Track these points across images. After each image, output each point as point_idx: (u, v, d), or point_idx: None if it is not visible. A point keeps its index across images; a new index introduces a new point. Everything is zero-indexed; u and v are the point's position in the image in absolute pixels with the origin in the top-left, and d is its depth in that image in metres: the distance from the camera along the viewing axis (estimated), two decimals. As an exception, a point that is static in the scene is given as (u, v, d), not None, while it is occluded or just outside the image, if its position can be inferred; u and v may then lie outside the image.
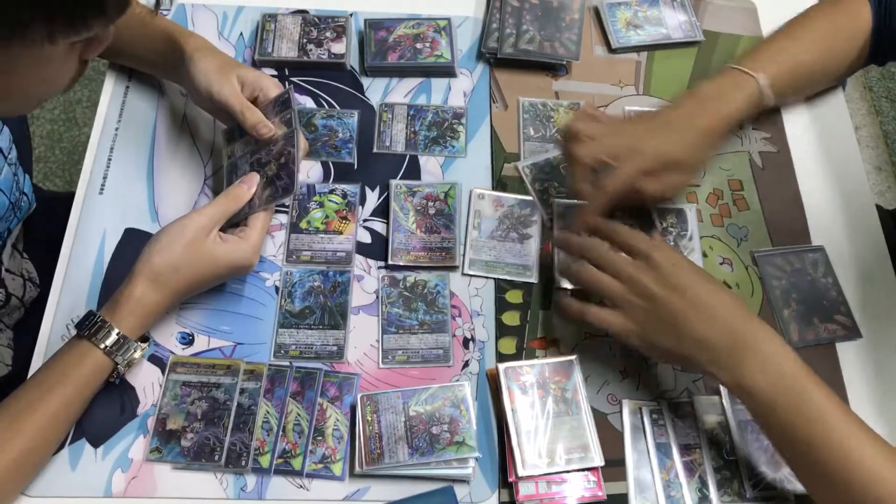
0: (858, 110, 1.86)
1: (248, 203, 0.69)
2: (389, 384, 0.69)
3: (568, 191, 0.78)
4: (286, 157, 0.68)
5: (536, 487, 0.64)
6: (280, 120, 0.71)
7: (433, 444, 0.64)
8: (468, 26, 0.90)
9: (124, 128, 0.81)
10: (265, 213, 0.69)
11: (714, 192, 0.81)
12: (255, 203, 0.69)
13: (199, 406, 0.67)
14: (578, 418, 0.67)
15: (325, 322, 0.72)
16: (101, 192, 0.77)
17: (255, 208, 0.69)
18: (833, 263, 0.77)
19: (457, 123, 0.83)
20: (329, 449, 0.66)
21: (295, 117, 0.70)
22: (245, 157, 0.73)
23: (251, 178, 0.69)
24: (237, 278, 0.73)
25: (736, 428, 0.68)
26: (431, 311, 0.73)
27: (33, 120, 1.76)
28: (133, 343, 0.63)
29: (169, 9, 0.88)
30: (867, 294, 0.76)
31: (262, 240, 0.69)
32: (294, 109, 0.70)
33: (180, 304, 0.71)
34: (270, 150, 0.70)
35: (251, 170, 0.71)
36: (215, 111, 0.76)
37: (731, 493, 0.66)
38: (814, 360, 0.72)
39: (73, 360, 0.62)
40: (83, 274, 0.73)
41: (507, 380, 0.68)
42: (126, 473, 0.65)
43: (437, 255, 0.75)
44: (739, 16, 0.93)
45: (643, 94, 0.87)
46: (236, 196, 0.68)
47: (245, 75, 0.74)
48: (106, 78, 0.84)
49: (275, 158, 0.69)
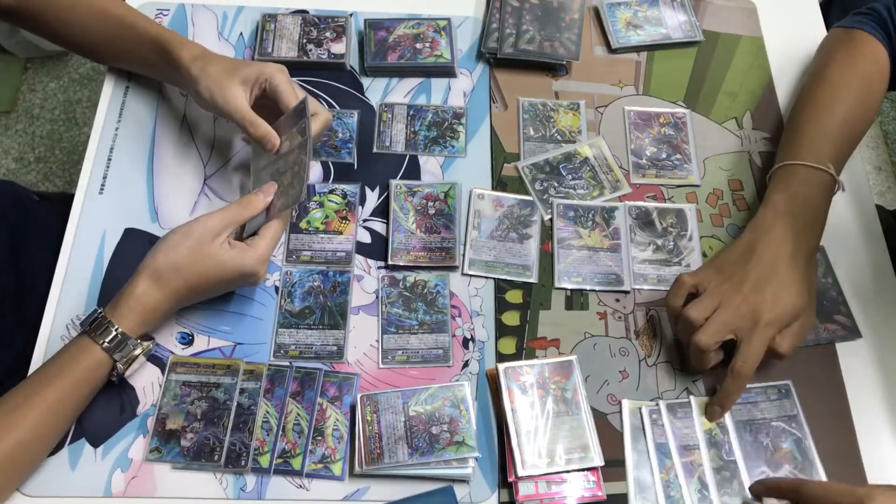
0: (858, 110, 1.86)
1: (266, 212, 0.68)
2: (389, 384, 0.69)
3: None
4: (299, 166, 0.68)
5: (536, 487, 0.64)
6: (296, 130, 0.70)
7: (433, 444, 0.64)
8: (468, 26, 0.90)
9: (124, 128, 0.81)
10: (277, 222, 0.68)
11: (714, 192, 0.81)
12: (271, 213, 0.69)
13: (198, 406, 0.67)
14: (578, 418, 0.67)
15: (324, 322, 0.72)
16: (101, 192, 0.77)
17: (270, 216, 0.68)
18: (833, 263, 0.77)
19: (457, 123, 0.84)
20: (329, 449, 0.66)
21: (308, 126, 0.69)
22: (267, 168, 0.73)
23: (268, 188, 0.69)
24: (245, 288, 0.72)
25: (734, 428, 0.68)
26: (431, 311, 0.73)
27: (33, 120, 1.76)
28: (133, 341, 0.63)
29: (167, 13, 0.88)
30: (867, 294, 0.76)
31: (270, 250, 0.67)
32: (308, 118, 0.69)
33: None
34: (287, 159, 0.70)
35: (271, 179, 0.71)
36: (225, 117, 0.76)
37: (732, 493, 0.65)
38: (814, 360, 0.72)
39: (71, 356, 0.62)
40: (83, 274, 0.73)
41: (506, 380, 0.68)
42: (126, 473, 0.65)
43: (436, 255, 0.75)
44: (739, 16, 0.93)
45: (643, 94, 0.87)
46: (249, 203, 0.68)
47: (248, 74, 0.72)
48: (106, 78, 0.84)
49: (290, 168, 0.69)
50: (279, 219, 0.68)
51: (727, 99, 0.87)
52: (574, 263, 0.76)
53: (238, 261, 0.65)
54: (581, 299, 0.74)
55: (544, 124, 0.84)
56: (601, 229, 0.78)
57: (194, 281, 0.65)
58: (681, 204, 0.80)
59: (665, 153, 0.83)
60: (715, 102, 0.87)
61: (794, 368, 0.71)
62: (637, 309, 0.74)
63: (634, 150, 0.83)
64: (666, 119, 0.85)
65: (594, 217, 0.78)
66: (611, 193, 0.79)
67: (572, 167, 0.81)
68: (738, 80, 0.88)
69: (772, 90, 0.88)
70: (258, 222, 0.68)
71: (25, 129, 1.75)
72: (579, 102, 0.85)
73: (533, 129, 0.83)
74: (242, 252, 0.65)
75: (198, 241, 0.64)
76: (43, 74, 1.82)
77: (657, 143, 0.84)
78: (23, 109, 1.78)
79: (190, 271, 0.64)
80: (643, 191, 0.81)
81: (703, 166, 0.83)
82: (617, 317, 0.74)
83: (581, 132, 0.84)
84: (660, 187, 0.81)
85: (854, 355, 0.73)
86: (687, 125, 0.85)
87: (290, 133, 0.71)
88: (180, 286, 0.65)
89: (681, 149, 0.84)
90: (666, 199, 0.80)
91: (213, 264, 0.65)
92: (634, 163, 0.82)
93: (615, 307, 0.74)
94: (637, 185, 0.81)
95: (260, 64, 0.73)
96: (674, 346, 0.72)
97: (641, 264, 0.76)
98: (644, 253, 0.76)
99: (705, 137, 0.85)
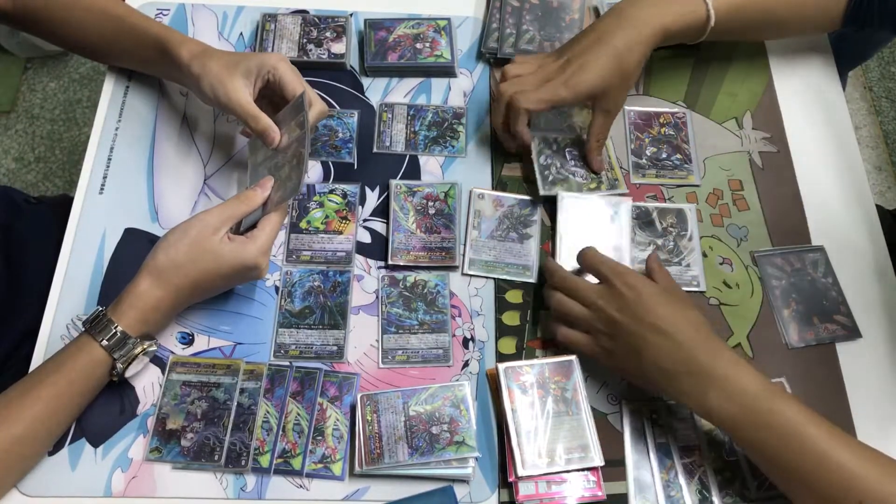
0: (858, 110, 1.86)
1: (262, 206, 0.69)
2: (389, 384, 0.69)
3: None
4: (297, 159, 0.68)
5: (536, 487, 0.64)
6: (295, 123, 0.70)
7: (433, 443, 0.64)
8: (468, 26, 0.90)
9: (124, 128, 0.81)
10: (276, 215, 0.68)
11: (714, 192, 0.81)
12: (267, 207, 0.69)
13: (198, 406, 0.67)
14: (578, 418, 0.67)
15: (325, 322, 0.72)
16: (101, 192, 0.77)
17: (268, 210, 0.69)
18: (833, 263, 0.77)
19: (457, 123, 0.84)
20: (329, 449, 0.66)
21: (307, 119, 0.69)
22: (266, 163, 0.73)
23: (265, 182, 0.69)
24: (247, 283, 0.72)
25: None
26: (431, 311, 0.73)
27: (33, 120, 1.76)
28: (133, 340, 0.63)
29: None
30: (867, 294, 0.76)
31: (270, 242, 0.67)
32: (306, 111, 0.69)
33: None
34: (286, 153, 0.70)
35: (269, 174, 0.71)
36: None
37: (733, 493, 0.65)
38: (814, 360, 0.72)
39: (70, 354, 0.63)
40: (83, 274, 0.73)
41: (506, 380, 0.68)
42: (126, 473, 0.65)
43: (436, 254, 0.75)
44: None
45: (643, 94, 0.87)
46: (248, 198, 0.68)
47: (249, 67, 0.72)
48: (106, 78, 0.84)
49: (288, 161, 0.69)
50: (277, 212, 0.68)
51: (727, 99, 0.87)
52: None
53: (238, 254, 0.65)
54: (581, 299, 0.74)
55: (557, 118, 0.83)
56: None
57: (195, 277, 0.65)
58: (681, 204, 0.80)
59: (665, 153, 0.83)
60: (715, 102, 0.87)
61: (794, 368, 0.72)
62: (637, 309, 0.74)
63: (634, 150, 0.83)
64: (666, 119, 0.85)
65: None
66: (607, 190, 0.79)
67: (577, 154, 0.81)
68: (738, 80, 0.88)
69: (772, 90, 0.88)
70: (255, 217, 0.69)
71: (25, 129, 1.75)
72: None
73: (544, 121, 0.83)
74: (242, 245, 0.65)
75: (197, 238, 0.64)
76: (43, 74, 1.82)
77: (657, 143, 0.84)
78: (23, 109, 1.78)
79: (191, 267, 0.64)
80: (643, 191, 0.81)
81: (703, 166, 0.83)
82: (617, 317, 0.74)
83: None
84: (660, 187, 0.81)
85: (854, 355, 0.73)
86: (687, 125, 0.85)
87: (288, 126, 0.71)
88: (181, 283, 0.65)
89: (681, 149, 0.84)
90: (666, 199, 0.80)
91: (214, 259, 0.65)
92: (634, 163, 0.82)
93: (615, 307, 0.74)
94: (637, 185, 0.81)
95: (261, 55, 0.73)
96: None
97: (641, 264, 0.76)
98: (644, 253, 0.76)
99: (705, 137, 0.85)
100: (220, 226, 0.65)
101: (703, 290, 0.75)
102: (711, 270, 0.76)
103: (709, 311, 0.74)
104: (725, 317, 0.74)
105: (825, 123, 0.86)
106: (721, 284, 0.76)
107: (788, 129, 0.86)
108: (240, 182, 0.79)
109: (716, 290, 0.76)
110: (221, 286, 0.69)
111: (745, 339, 0.73)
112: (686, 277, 0.76)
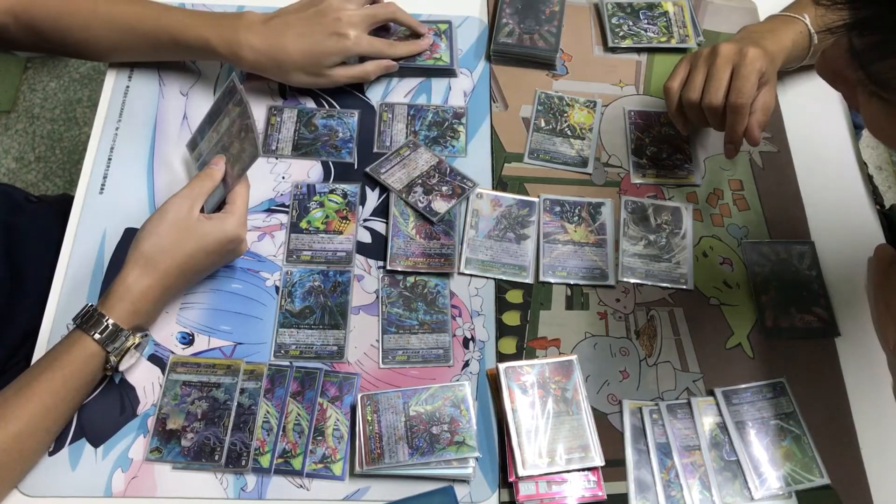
0: (858, 110, 1.86)
1: (223, 183, 0.70)
2: (389, 384, 0.69)
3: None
4: (244, 130, 0.69)
5: (536, 487, 0.64)
6: (233, 104, 0.71)
7: (433, 443, 0.64)
8: (469, 26, 0.90)
9: (124, 128, 0.81)
10: (241, 187, 0.70)
11: (714, 192, 0.81)
12: (228, 183, 0.70)
13: (199, 406, 0.67)
14: (578, 418, 0.67)
15: (325, 322, 0.72)
16: (101, 192, 0.78)
17: (230, 186, 0.70)
18: (831, 262, 0.77)
19: (457, 123, 0.84)
20: (329, 449, 0.66)
21: (244, 95, 0.69)
22: (211, 151, 0.74)
23: (217, 160, 0.71)
24: (233, 260, 0.73)
25: (734, 429, 0.68)
26: (431, 311, 0.73)
27: (33, 120, 1.76)
28: (125, 332, 0.63)
29: None
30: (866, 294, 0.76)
31: (245, 213, 0.70)
32: (241, 90, 0.70)
33: (181, 305, 0.71)
34: (230, 132, 0.71)
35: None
36: None
37: (734, 493, 0.66)
38: (813, 357, 0.72)
39: (63, 350, 0.63)
40: (83, 274, 0.73)
41: (507, 380, 0.68)
42: (126, 473, 0.65)
43: (436, 261, 0.75)
44: (739, 16, 0.93)
45: (643, 94, 0.87)
46: (209, 173, 0.69)
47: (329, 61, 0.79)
48: (106, 78, 0.84)
49: (236, 136, 0.70)
50: (241, 184, 0.70)
51: (727, 99, 0.87)
52: (559, 258, 0.76)
53: (219, 228, 0.67)
54: (581, 299, 0.74)
55: (556, 118, 0.84)
56: (587, 224, 0.78)
57: (181, 259, 0.66)
58: (677, 202, 0.80)
59: (665, 153, 0.83)
60: (715, 102, 0.87)
61: (792, 365, 0.72)
62: (637, 309, 0.74)
63: (635, 150, 0.83)
64: (666, 119, 0.85)
65: (580, 212, 0.78)
66: (676, 43, 0.88)
67: (652, 15, 0.87)
68: (738, 80, 0.88)
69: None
70: (217, 197, 0.70)
71: (25, 129, 1.75)
72: (596, 101, 0.85)
73: (544, 122, 0.83)
74: (221, 220, 0.67)
75: (175, 219, 0.66)
76: (43, 74, 1.82)
77: (658, 143, 0.84)
78: (23, 109, 1.78)
79: (176, 250, 0.65)
80: (644, 190, 0.81)
81: (704, 166, 0.83)
82: (617, 317, 0.74)
83: (592, 130, 0.84)
84: (660, 187, 0.81)
85: (853, 352, 0.73)
86: (687, 125, 0.85)
87: (225, 111, 0.72)
88: (168, 267, 0.65)
89: (681, 149, 0.84)
90: (666, 199, 0.80)
91: (196, 237, 0.66)
92: (635, 162, 0.82)
93: (616, 307, 0.74)
94: (637, 185, 0.81)
95: (339, 43, 0.78)
96: (674, 345, 0.72)
97: (631, 258, 0.76)
98: (635, 247, 0.77)
99: (706, 137, 0.85)
100: (192, 203, 0.67)
101: (691, 288, 0.75)
102: (711, 270, 0.77)
103: (709, 311, 0.74)
104: (725, 317, 0.74)
105: (825, 123, 0.86)
106: (721, 284, 0.76)
107: (788, 129, 0.86)
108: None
109: (716, 290, 0.76)
110: (207, 266, 0.69)
111: (746, 339, 0.73)
112: (675, 275, 0.76)
